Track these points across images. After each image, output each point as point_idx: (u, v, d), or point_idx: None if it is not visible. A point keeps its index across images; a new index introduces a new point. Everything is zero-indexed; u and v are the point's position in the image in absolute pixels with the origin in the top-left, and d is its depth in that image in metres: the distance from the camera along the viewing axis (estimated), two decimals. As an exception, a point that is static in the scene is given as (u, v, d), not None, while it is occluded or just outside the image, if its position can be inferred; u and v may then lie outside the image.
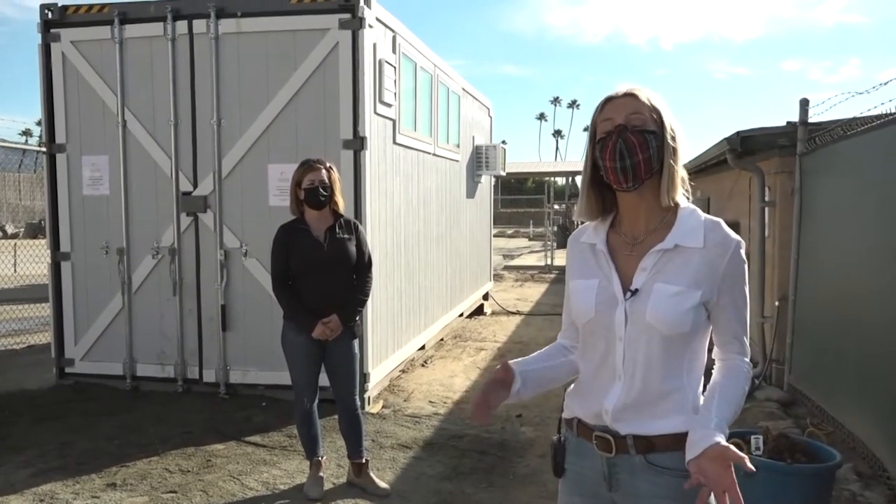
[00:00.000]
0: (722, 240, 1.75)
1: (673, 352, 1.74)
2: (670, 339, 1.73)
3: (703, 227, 1.75)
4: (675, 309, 1.71)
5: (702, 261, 1.73)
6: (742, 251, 1.78)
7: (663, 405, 1.75)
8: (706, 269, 1.73)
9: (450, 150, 8.68)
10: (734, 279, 1.76)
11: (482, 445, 5.10)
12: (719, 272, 1.73)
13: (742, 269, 1.78)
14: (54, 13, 6.23)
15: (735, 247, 1.76)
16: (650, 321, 1.72)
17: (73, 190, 6.32)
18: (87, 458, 4.72)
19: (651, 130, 1.73)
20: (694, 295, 1.71)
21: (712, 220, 1.79)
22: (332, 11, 5.71)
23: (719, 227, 1.77)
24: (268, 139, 5.92)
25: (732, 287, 1.76)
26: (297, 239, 4.04)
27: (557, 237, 21.94)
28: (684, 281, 1.72)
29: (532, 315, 11.13)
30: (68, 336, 6.42)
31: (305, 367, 4.11)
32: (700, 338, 1.79)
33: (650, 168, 1.72)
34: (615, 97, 1.78)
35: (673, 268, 1.73)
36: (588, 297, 1.83)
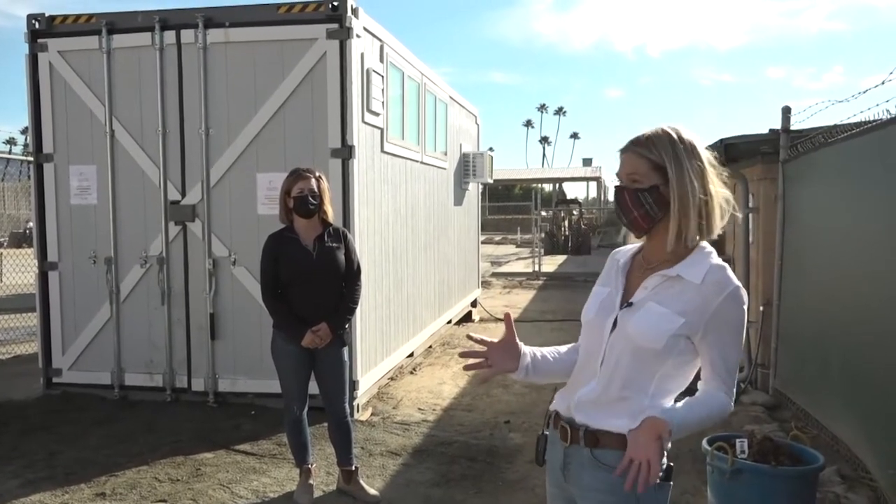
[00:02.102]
0: (720, 280, 1.83)
1: (640, 365, 1.87)
2: (641, 352, 1.86)
3: (708, 267, 1.85)
4: (654, 325, 1.85)
5: (695, 295, 1.84)
6: (741, 297, 1.84)
7: (618, 407, 1.88)
8: (697, 303, 1.83)
9: (437, 157, 8.72)
10: (725, 320, 1.83)
11: (471, 452, 5.13)
12: (710, 309, 1.82)
13: (736, 314, 1.84)
14: (41, 23, 6.23)
15: (733, 289, 1.83)
16: (629, 331, 1.88)
17: (60, 199, 6.31)
18: (76, 468, 4.71)
19: (644, 189, 1.84)
20: (676, 320, 1.83)
21: (720, 265, 1.87)
22: (319, 21, 5.75)
23: (722, 271, 1.85)
24: (256, 148, 5.94)
25: (721, 327, 1.83)
26: (286, 248, 4.06)
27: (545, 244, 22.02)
28: (673, 306, 1.85)
29: (520, 321, 11.16)
30: (56, 346, 6.39)
31: (295, 376, 4.13)
32: (675, 364, 1.87)
33: (650, 219, 1.87)
34: (624, 150, 1.92)
35: (668, 293, 1.87)
36: (595, 301, 2.03)
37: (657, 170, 1.83)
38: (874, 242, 4.21)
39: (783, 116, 6.22)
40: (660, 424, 1.76)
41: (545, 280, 17.69)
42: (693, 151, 1.85)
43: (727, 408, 1.88)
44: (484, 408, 6.29)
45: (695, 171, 1.83)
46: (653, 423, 1.77)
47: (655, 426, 1.76)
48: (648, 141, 1.86)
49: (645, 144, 1.86)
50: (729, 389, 1.87)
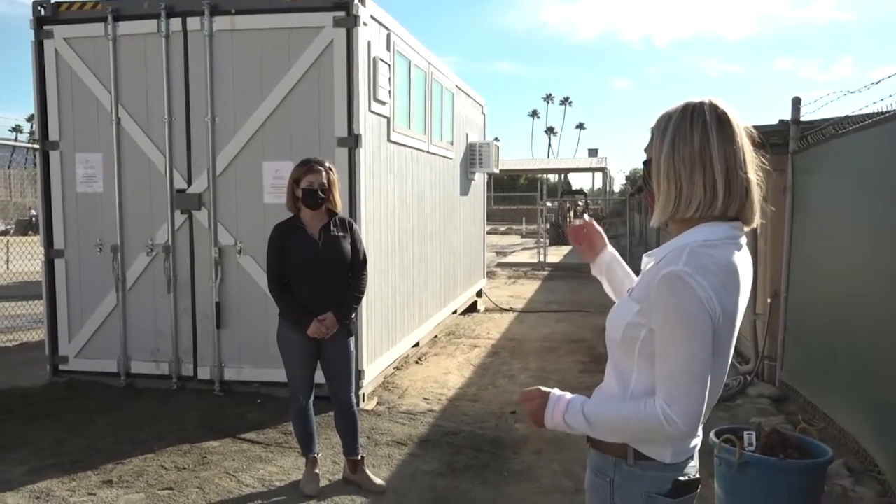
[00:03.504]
0: (664, 263, 1.64)
1: (617, 359, 1.78)
2: (612, 343, 1.79)
3: (671, 248, 1.67)
4: (615, 315, 1.78)
5: (650, 279, 1.68)
6: (675, 282, 1.58)
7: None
8: (647, 288, 1.68)
9: (444, 147, 8.69)
10: (661, 311, 1.61)
11: (476, 442, 5.12)
12: (651, 296, 1.65)
13: (670, 302, 1.59)
14: (47, 9, 6.20)
15: (665, 274, 1.60)
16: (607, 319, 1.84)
17: (66, 187, 6.31)
18: (83, 455, 4.72)
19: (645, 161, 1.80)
20: (632, 308, 1.71)
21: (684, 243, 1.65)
22: (326, 9, 5.71)
23: (678, 252, 1.63)
24: (262, 137, 5.91)
25: (661, 318, 1.62)
26: (293, 237, 4.05)
27: (550, 235, 21.98)
28: (634, 293, 1.75)
29: (525, 312, 11.16)
30: (62, 333, 6.40)
31: (301, 365, 4.12)
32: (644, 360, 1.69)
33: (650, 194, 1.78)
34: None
35: (640, 279, 1.78)
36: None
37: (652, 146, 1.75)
38: (884, 235, 4.17)
39: (793, 107, 6.16)
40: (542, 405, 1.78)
41: (550, 270, 17.66)
42: (696, 123, 1.65)
43: (659, 425, 1.60)
44: (489, 398, 6.29)
45: (679, 137, 1.65)
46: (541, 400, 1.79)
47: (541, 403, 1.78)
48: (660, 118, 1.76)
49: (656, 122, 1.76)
50: (670, 402, 1.58)
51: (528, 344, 8.65)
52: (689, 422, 1.59)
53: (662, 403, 1.60)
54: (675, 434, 1.60)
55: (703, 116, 1.66)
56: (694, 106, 1.68)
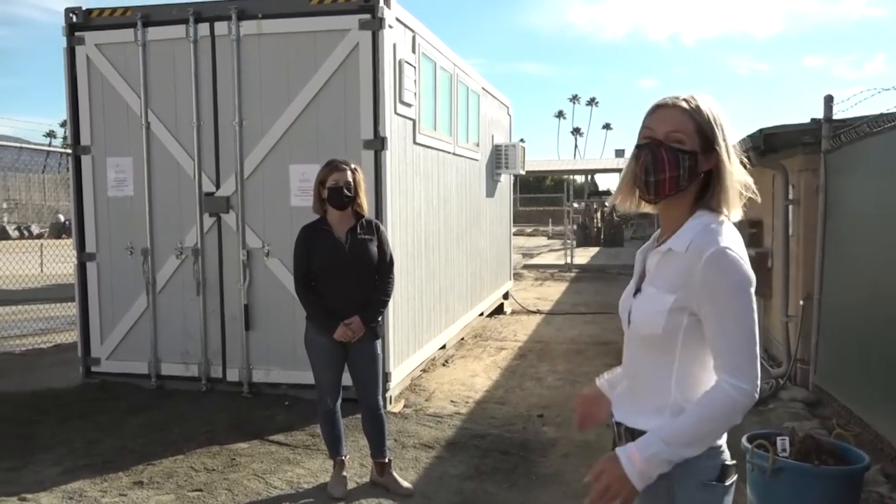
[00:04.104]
0: (700, 245, 1.68)
1: (653, 353, 1.78)
2: (647, 340, 1.78)
3: (695, 233, 1.71)
4: (648, 310, 1.76)
5: (681, 266, 1.71)
6: (724, 258, 1.66)
7: (645, 403, 1.82)
8: (683, 275, 1.70)
9: (469, 149, 8.67)
10: (712, 288, 1.66)
11: (504, 445, 5.09)
12: (696, 279, 1.67)
13: (721, 279, 1.65)
14: (79, 16, 6.30)
15: (711, 254, 1.66)
16: (633, 320, 1.82)
17: (98, 191, 6.40)
18: (114, 456, 4.78)
19: (686, 150, 1.72)
20: (666, 298, 1.72)
21: (710, 227, 1.71)
22: (352, 12, 5.73)
23: (709, 234, 1.69)
24: (289, 140, 5.95)
25: (712, 297, 1.66)
26: (319, 240, 4.06)
27: (577, 236, 21.84)
28: (662, 284, 1.75)
29: (552, 314, 11.09)
30: (94, 335, 6.50)
31: (328, 368, 4.13)
32: (690, 347, 1.73)
33: (676, 186, 1.73)
34: (664, 105, 1.78)
35: (661, 271, 1.78)
36: (623, 295, 1.97)
37: (700, 135, 1.72)
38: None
39: (825, 105, 6.04)
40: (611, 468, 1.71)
41: (577, 272, 17.54)
42: (724, 125, 1.75)
43: (731, 399, 1.64)
44: (517, 401, 6.25)
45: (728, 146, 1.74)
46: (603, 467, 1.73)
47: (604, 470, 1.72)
48: (696, 102, 1.74)
49: (693, 104, 1.73)
50: (735, 372, 1.64)
51: (556, 346, 8.59)
52: (755, 385, 1.65)
53: (727, 378, 1.65)
54: (748, 402, 1.65)
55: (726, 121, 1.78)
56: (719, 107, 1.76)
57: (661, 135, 1.73)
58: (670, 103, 1.76)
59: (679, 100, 1.75)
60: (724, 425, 1.69)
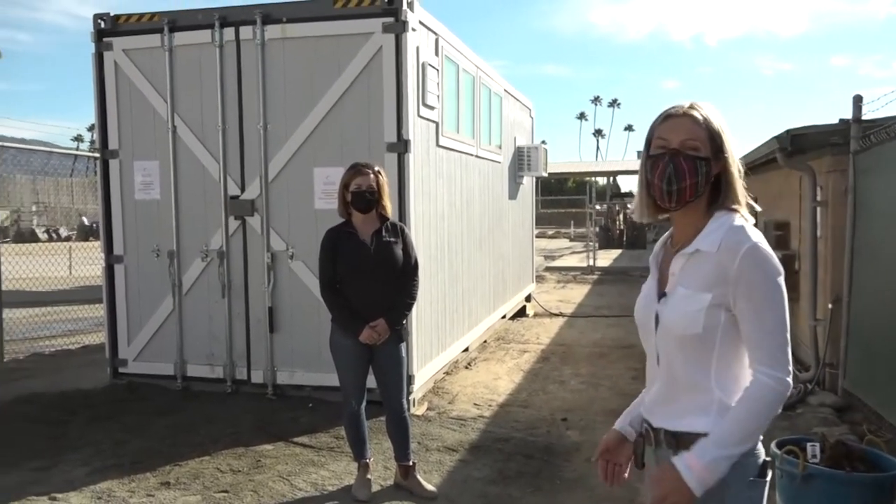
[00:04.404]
0: (734, 243, 1.73)
1: (691, 354, 1.80)
2: (685, 341, 1.80)
3: (722, 232, 1.76)
4: (684, 310, 1.79)
5: (714, 265, 1.75)
6: (760, 254, 1.73)
7: (686, 404, 1.82)
8: (717, 273, 1.75)
9: (492, 151, 8.66)
10: (749, 284, 1.72)
11: (528, 449, 5.07)
12: (731, 276, 1.73)
13: (758, 274, 1.72)
14: (107, 23, 6.39)
15: (747, 250, 1.72)
16: (667, 323, 1.84)
17: (125, 194, 6.48)
18: (142, 456, 4.83)
19: (703, 157, 1.79)
20: (703, 297, 1.76)
21: (737, 226, 1.77)
22: (375, 15, 5.75)
23: (737, 232, 1.75)
24: (313, 143, 5.98)
25: (749, 292, 1.72)
26: (344, 242, 4.07)
27: (599, 238, 21.70)
28: (695, 284, 1.78)
29: (575, 317, 11.04)
30: (122, 337, 6.58)
31: (353, 370, 4.14)
32: (725, 343, 1.78)
33: (695, 192, 1.80)
34: (675, 115, 1.83)
35: (690, 272, 1.81)
36: (640, 298, 2.00)
37: (711, 141, 1.79)
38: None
39: (854, 106, 5.95)
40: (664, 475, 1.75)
41: (600, 274, 17.45)
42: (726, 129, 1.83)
43: (772, 391, 1.70)
44: (540, 404, 6.22)
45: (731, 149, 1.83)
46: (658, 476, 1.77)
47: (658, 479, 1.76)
48: (704, 110, 1.81)
49: (703, 112, 1.81)
50: (773, 363, 1.71)
51: (579, 349, 8.55)
52: (789, 373, 1.72)
53: (765, 370, 1.71)
54: (786, 391, 1.71)
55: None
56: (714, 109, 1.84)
57: (676, 144, 1.79)
58: (681, 112, 1.82)
59: (688, 108, 1.82)
60: (769, 418, 1.73)
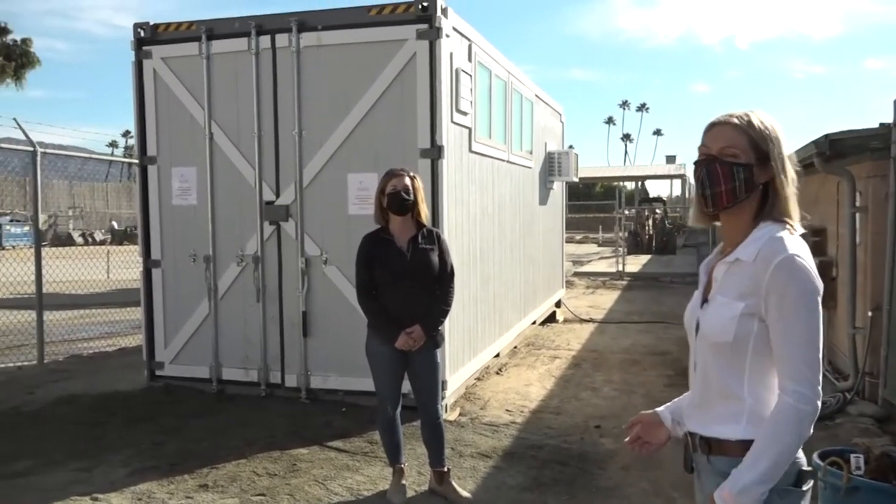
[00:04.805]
0: (768, 255, 1.74)
1: (724, 361, 1.83)
2: (718, 348, 1.83)
3: (761, 242, 1.78)
4: (718, 318, 1.82)
5: (749, 275, 1.77)
6: (792, 265, 1.72)
7: (719, 410, 1.85)
8: (751, 283, 1.77)
9: (523, 156, 8.65)
10: (779, 295, 1.72)
11: (562, 456, 5.04)
12: (763, 287, 1.74)
13: (789, 285, 1.72)
14: (146, 31, 6.51)
15: (780, 261, 1.72)
16: (703, 328, 1.88)
17: (163, 200, 6.59)
18: (179, 458, 4.90)
19: (742, 164, 1.80)
20: (736, 306, 1.78)
21: (776, 237, 1.77)
22: (409, 22, 5.79)
23: (775, 243, 1.76)
24: (347, 149, 6.03)
25: (779, 303, 1.72)
26: (381, 249, 4.09)
27: (628, 243, 21.53)
28: (732, 292, 1.81)
29: (605, 323, 10.96)
30: (159, 340, 6.68)
31: (389, 376, 4.16)
32: (758, 353, 1.78)
33: (734, 197, 1.82)
34: (718, 123, 1.88)
35: (729, 280, 1.84)
36: (689, 303, 2.04)
37: (755, 149, 1.81)
38: None
39: (895, 109, 5.83)
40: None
41: (629, 280, 17.31)
42: (779, 138, 1.83)
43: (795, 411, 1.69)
44: (573, 411, 6.19)
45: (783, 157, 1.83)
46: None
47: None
48: (748, 118, 1.83)
49: (745, 120, 1.83)
50: (797, 378, 1.70)
51: (610, 356, 8.49)
52: (816, 392, 1.70)
53: (789, 384, 1.70)
54: (811, 409, 1.69)
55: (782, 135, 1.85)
56: (769, 120, 1.85)
57: (715, 151, 1.84)
58: (723, 121, 1.86)
59: (732, 117, 1.85)
60: (797, 439, 1.72)
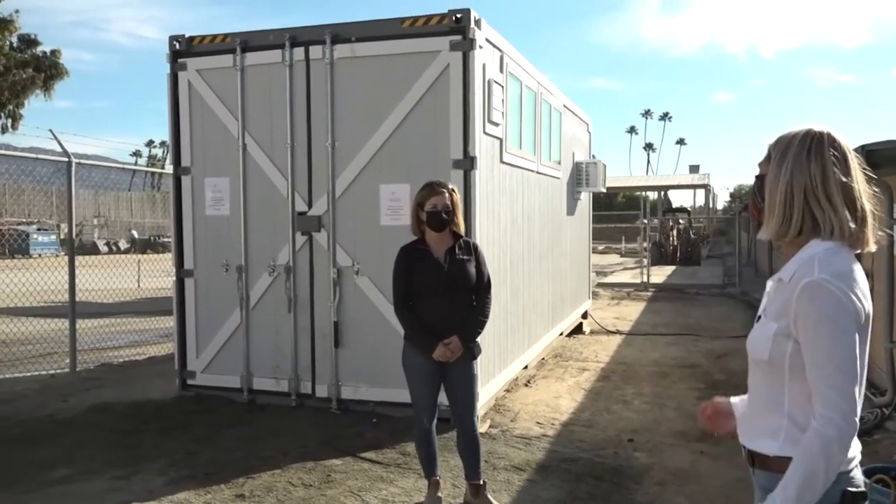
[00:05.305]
0: (798, 276, 1.74)
1: (765, 378, 1.84)
2: (757, 364, 1.85)
3: (800, 262, 1.77)
4: (757, 336, 1.84)
5: (785, 296, 1.78)
6: (813, 290, 1.70)
7: (762, 424, 1.85)
8: (785, 305, 1.77)
9: (552, 167, 8.63)
10: (803, 320, 1.71)
11: (597, 470, 4.99)
12: (792, 309, 1.74)
13: (810, 309, 1.70)
14: (182, 44, 6.59)
15: (805, 284, 1.71)
16: (747, 344, 1.90)
17: (196, 210, 6.65)
18: (214, 468, 4.91)
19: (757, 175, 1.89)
20: (771, 326, 1.79)
21: (813, 257, 1.74)
22: (443, 34, 5.81)
23: (807, 264, 1.74)
24: (380, 160, 6.05)
25: (804, 328, 1.72)
26: (418, 260, 4.09)
27: (652, 254, 21.36)
28: (772, 311, 1.82)
29: (632, 335, 10.87)
30: (191, 349, 6.73)
31: (426, 388, 4.15)
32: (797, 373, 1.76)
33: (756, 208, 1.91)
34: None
35: (773, 299, 1.85)
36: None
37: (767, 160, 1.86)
38: None
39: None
40: None
41: (654, 291, 17.17)
42: (813, 149, 1.77)
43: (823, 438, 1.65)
44: (605, 424, 6.13)
45: (797, 165, 1.76)
46: None
47: None
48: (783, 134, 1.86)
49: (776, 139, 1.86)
50: (823, 402, 1.66)
51: (640, 368, 8.41)
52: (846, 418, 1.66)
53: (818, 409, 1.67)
54: (840, 435, 1.65)
55: (823, 149, 1.76)
56: (814, 136, 1.78)
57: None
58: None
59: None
60: (825, 464, 1.67)
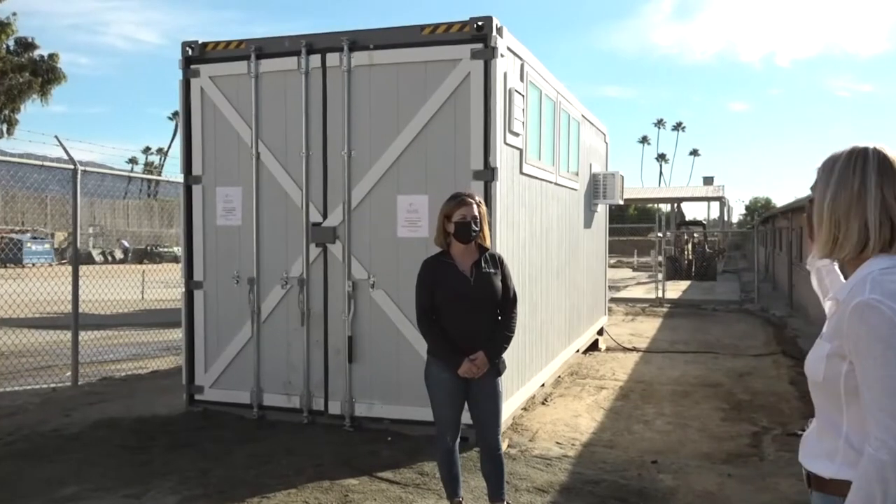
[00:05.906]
0: (851, 295, 1.70)
1: (823, 399, 1.79)
2: (815, 386, 1.81)
3: (855, 281, 1.72)
4: (813, 356, 1.80)
5: (839, 315, 1.74)
6: (864, 310, 1.64)
7: (820, 446, 1.80)
8: (838, 325, 1.73)
9: (570, 178, 8.45)
10: (854, 341, 1.66)
11: (621, 493, 4.78)
12: (844, 329, 1.70)
13: (861, 331, 1.64)
14: (195, 50, 6.45)
15: (855, 305, 1.66)
16: (805, 365, 1.85)
17: (207, 220, 6.48)
18: (227, 486, 4.72)
19: (810, 198, 1.85)
20: (825, 346, 1.75)
21: (868, 276, 1.69)
22: (464, 42, 5.65)
23: (860, 284, 1.69)
24: (397, 170, 5.88)
25: (855, 350, 1.66)
26: (443, 273, 3.92)
27: (667, 268, 21.08)
28: (827, 332, 1.78)
29: (651, 352, 10.63)
30: (199, 363, 6.53)
31: (449, 405, 3.96)
32: (851, 393, 1.70)
33: (811, 229, 1.86)
34: None
35: (829, 319, 1.81)
36: None
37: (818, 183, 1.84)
38: None
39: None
40: None
41: (669, 307, 16.91)
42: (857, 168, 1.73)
43: (878, 463, 1.58)
44: (626, 445, 5.92)
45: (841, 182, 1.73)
46: None
47: None
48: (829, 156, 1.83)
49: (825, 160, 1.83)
50: (879, 426, 1.59)
51: (659, 387, 8.18)
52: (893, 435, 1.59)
53: (873, 431, 1.60)
54: (890, 457, 1.58)
55: (866, 162, 1.72)
56: (858, 152, 1.75)
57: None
58: None
59: None
60: (881, 488, 1.60)
